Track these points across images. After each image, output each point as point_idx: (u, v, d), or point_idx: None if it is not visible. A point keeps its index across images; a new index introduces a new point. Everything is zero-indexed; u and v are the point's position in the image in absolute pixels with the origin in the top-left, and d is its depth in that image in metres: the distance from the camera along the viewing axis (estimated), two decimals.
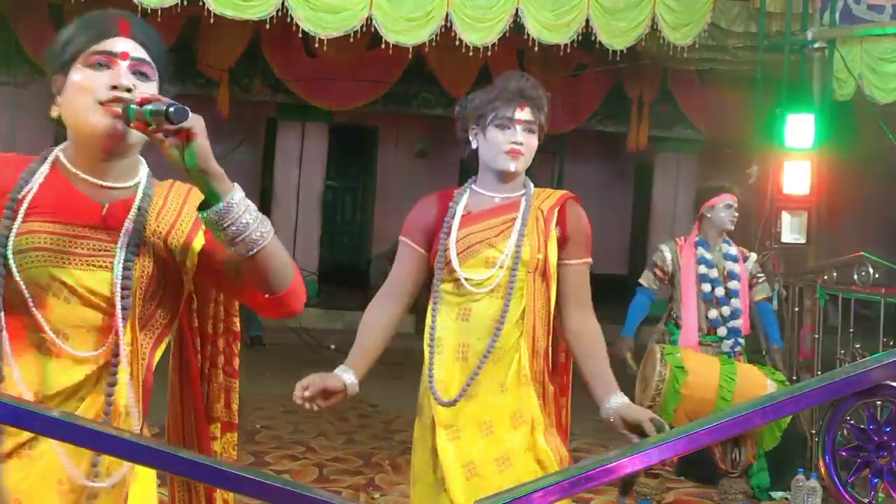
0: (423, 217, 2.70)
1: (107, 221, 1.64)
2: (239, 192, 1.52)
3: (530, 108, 2.59)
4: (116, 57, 1.61)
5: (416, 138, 13.38)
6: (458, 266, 2.57)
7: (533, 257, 2.56)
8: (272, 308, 1.67)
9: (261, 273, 1.60)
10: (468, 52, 7.76)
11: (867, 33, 7.32)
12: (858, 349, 5.27)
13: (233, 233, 1.52)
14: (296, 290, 1.67)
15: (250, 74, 10.97)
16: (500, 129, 2.58)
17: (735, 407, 1.99)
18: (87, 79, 1.60)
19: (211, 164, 1.48)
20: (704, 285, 4.52)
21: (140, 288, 1.64)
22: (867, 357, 1.44)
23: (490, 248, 2.57)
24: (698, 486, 5.21)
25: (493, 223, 2.61)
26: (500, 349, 2.53)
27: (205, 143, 1.47)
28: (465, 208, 2.65)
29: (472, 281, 2.56)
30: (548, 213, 2.61)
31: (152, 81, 1.65)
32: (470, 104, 2.69)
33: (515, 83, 2.61)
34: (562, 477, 0.92)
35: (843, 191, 8.26)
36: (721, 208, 4.61)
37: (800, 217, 6.50)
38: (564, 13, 7.68)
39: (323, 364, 2.90)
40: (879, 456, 0.98)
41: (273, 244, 1.59)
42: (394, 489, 5.05)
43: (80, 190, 1.65)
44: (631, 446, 1.07)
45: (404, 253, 2.71)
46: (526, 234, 2.57)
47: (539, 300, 2.57)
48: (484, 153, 2.63)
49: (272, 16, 7.26)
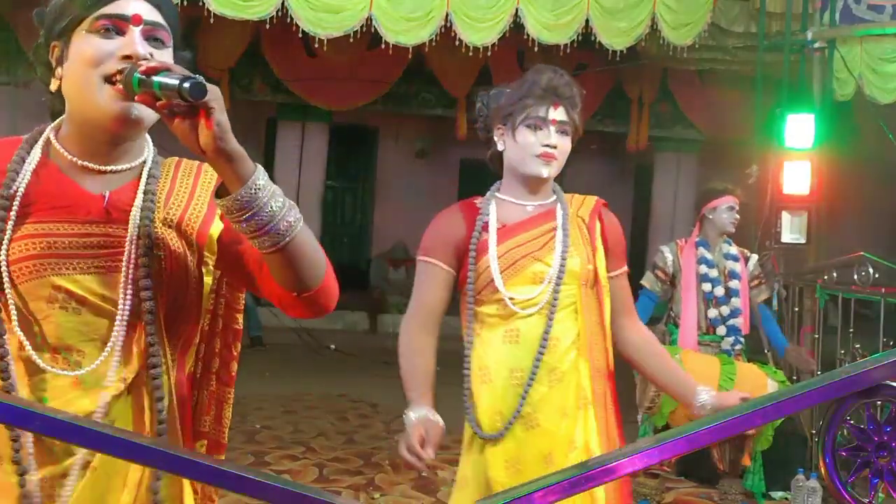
0: (448, 233, 2.41)
1: (110, 213, 1.42)
2: (263, 175, 1.29)
3: (564, 108, 2.35)
4: (128, 21, 1.37)
5: (416, 138, 13.39)
6: (502, 286, 2.32)
7: (584, 268, 2.35)
8: (302, 308, 1.43)
9: (288, 269, 1.36)
10: (468, 52, 7.76)
11: (867, 33, 7.32)
12: (858, 349, 5.27)
13: (257, 223, 1.28)
14: (328, 286, 1.43)
15: (250, 74, 10.98)
16: (531, 129, 2.34)
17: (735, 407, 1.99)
18: (95, 48, 1.36)
19: (231, 145, 1.25)
20: (705, 285, 4.53)
21: (159, 286, 1.41)
22: (867, 357, 1.44)
23: (536, 261, 2.34)
24: (698, 486, 5.21)
25: (532, 234, 2.37)
26: (558, 371, 2.31)
27: (223, 119, 1.23)
28: (498, 220, 2.39)
29: (517, 301, 2.32)
30: (590, 221, 2.42)
31: (167, 48, 1.43)
32: (495, 101, 2.45)
33: (548, 79, 2.36)
34: (562, 477, 0.92)
35: (843, 191, 8.25)
36: (723, 210, 4.62)
37: (800, 217, 6.50)
38: (564, 13, 7.68)
39: (323, 364, 2.88)
40: (879, 456, 0.98)
41: (303, 234, 1.34)
42: (394, 489, 5.05)
43: (74, 179, 1.42)
44: (631, 446, 1.07)
45: (430, 275, 2.42)
46: (571, 245, 2.36)
47: (593, 315, 2.36)
48: (512, 156, 2.39)
49: (272, 16, 7.26)
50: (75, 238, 1.39)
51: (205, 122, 1.22)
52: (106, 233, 1.41)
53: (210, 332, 1.58)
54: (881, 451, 0.98)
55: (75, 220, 1.40)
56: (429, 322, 2.44)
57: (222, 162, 1.26)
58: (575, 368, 2.33)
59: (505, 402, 2.32)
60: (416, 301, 2.46)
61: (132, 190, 1.44)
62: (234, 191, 1.27)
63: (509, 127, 2.38)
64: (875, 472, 0.98)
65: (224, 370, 1.61)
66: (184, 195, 1.49)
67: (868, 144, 8.52)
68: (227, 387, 1.63)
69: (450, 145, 12.73)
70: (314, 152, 11.82)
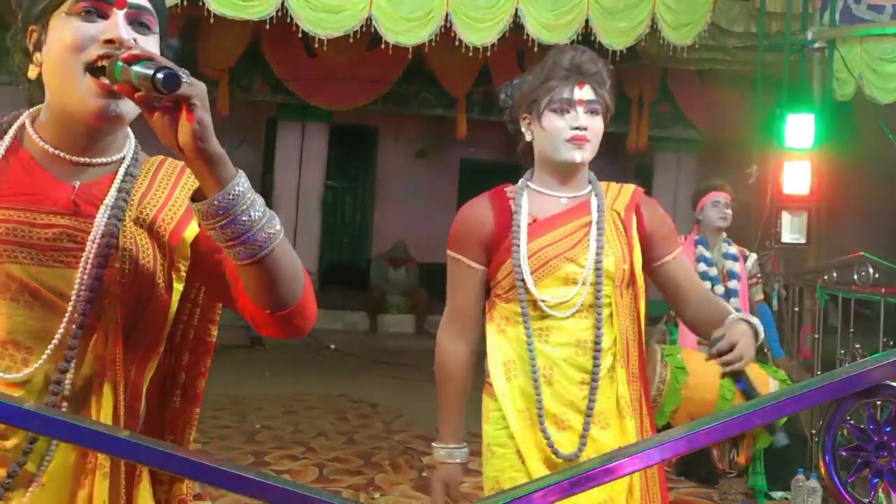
0: (477, 226, 2.28)
1: (78, 206, 1.32)
2: (244, 182, 1.19)
3: (591, 86, 2.21)
4: (111, 4, 1.28)
5: (416, 138, 13.39)
6: (533, 287, 2.19)
7: (619, 269, 2.22)
8: (275, 327, 1.33)
9: (263, 284, 1.26)
10: (468, 52, 7.77)
11: (867, 33, 7.33)
12: (858, 349, 5.26)
13: (233, 232, 1.19)
14: (305, 305, 1.33)
15: (250, 74, 10.98)
16: (557, 113, 2.19)
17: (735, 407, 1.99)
18: (75, 32, 1.26)
19: (210, 145, 1.16)
20: (704, 283, 4.53)
21: (118, 290, 1.31)
22: (867, 357, 1.44)
23: (569, 262, 2.20)
24: (698, 486, 5.21)
25: (565, 231, 2.23)
26: (594, 377, 2.20)
27: (205, 117, 1.15)
28: (529, 214, 2.25)
29: (549, 303, 2.20)
30: (625, 215, 2.27)
31: (153, 33, 1.33)
32: (517, 89, 2.31)
33: (570, 57, 2.21)
34: (562, 477, 0.92)
35: (843, 191, 8.26)
36: (708, 207, 4.64)
37: (800, 217, 6.51)
38: (564, 13, 7.68)
39: (323, 364, 2.87)
40: (879, 456, 0.98)
41: (282, 247, 1.24)
42: (394, 489, 5.05)
43: (45, 168, 1.33)
44: (631, 445, 1.07)
45: (461, 273, 2.30)
46: (607, 242, 2.22)
47: (627, 317, 2.24)
48: (542, 144, 2.24)
49: (272, 16, 7.26)
50: (38, 228, 1.30)
51: (185, 118, 1.14)
52: (71, 226, 1.31)
53: (180, 342, 1.45)
54: (881, 451, 0.98)
55: (40, 209, 1.31)
56: (464, 327, 2.32)
57: (201, 163, 1.17)
58: (611, 375, 2.22)
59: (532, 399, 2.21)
60: (450, 305, 2.35)
61: (106, 185, 1.35)
62: (212, 195, 1.18)
63: (535, 114, 2.23)
64: (875, 472, 0.98)
65: (190, 386, 1.46)
66: (161, 195, 1.39)
67: (868, 144, 8.52)
68: (193, 405, 1.46)
69: (450, 145, 12.74)
70: (314, 152, 11.82)
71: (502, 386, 2.24)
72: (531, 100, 2.24)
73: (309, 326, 1.37)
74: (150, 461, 0.96)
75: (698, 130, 11.99)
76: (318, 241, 11.88)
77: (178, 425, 1.46)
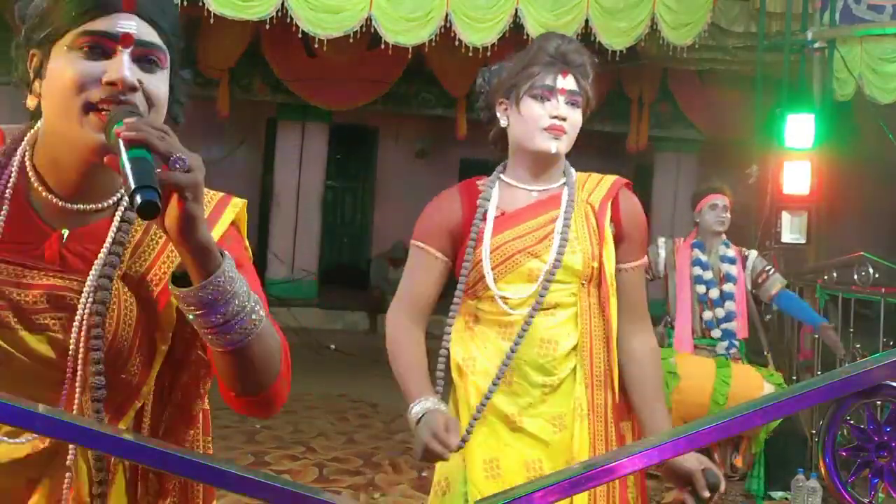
0: (443, 217, 2.21)
1: (65, 259, 1.21)
2: (229, 271, 1.12)
3: (574, 76, 2.11)
4: (116, 41, 1.17)
5: (416, 138, 13.39)
6: (493, 283, 2.11)
7: (587, 266, 2.11)
8: (238, 406, 1.25)
9: (234, 372, 1.19)
10: (468, 52, 7.77)
11: (867, 33, 7.33)
12: (858, 349, 5.27)
13: (211, 322, 1.12)
14: (275, 394, 1.24)
15: (250, 74, 10.98)
16: (537, 100, 2.10)
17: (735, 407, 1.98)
18: (76, 71, 1.16)
19: (196, 238, 1.08)
20: (699, 287, 4.52)
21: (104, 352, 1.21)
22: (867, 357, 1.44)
23: (532, 258, 2.12)
24: None
25: (532, 225, 2.14)
26: (554, 378, 2.11)
27: (194, 210, 1.07)
28: (498, 207, 2.17)
29: (509, 301, 2.12)
30: (600, 208, 2.16)
31: (163, 69, 1.23)
32: (497, 74, 2.22)
33: (556, 45, 2.12)
34: (562, 477, 0.92)
35: (843, 191, 8.26)
36: (706, 210, 4.61)
37: (800, 217, 6.51)
38: (564, 13, 7.68)
39: (323, 364, 2.86)
40: (879, 456, 0.98)
41: (262, 337, 1.17)
42: (394, 489, 5.05)
43: (34, 208, 1.22)
44: (631, 445, 1.07)
45: (422, 262, 2.22)
46: (575, 237, 2.12)
47: (595, 318, 2.13)
48: (517, 131, 2.15)
49: (272, 16, 7.27)
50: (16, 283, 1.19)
51: (174, 205, 1.06)
52: (55, 282, 1.20)
53: (180, 359, 1.32)
54: (881, 451, 0.98)
55: (21, 259, 1.20)
56: (417, 313, 2.23)
57: (184, 252, 1.10)
58: (572, 377, 2.12)
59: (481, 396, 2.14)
60: (405, 288, 2.26)
61: (98, 234, 1.24)
62: (195, 282, 1.11)
63: (513, 99, 2.14)
64: (875, 472, 0.98)
65: (185, 406, 1.34)
66: (155, 245, 1.26)
67: (868, 144, 8.52)
68: (187, 427, 1.34)
69: (450, 145, 12.73)
70: (314, 152, 11.82)
71: (456, 381, 2.18)
72: (511, 84, 2.14)
73: (274, 412, 1.29)
74: (150, 461, 0.96)
75: (698, 130, 11.99)
76: (318, 241, 11.88)
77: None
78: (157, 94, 1.21)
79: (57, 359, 1.20)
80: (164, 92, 1.23)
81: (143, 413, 1.33)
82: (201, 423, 1.37)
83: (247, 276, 1.25)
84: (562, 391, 2.12)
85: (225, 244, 1.27)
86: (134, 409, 1.28)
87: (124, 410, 1.26)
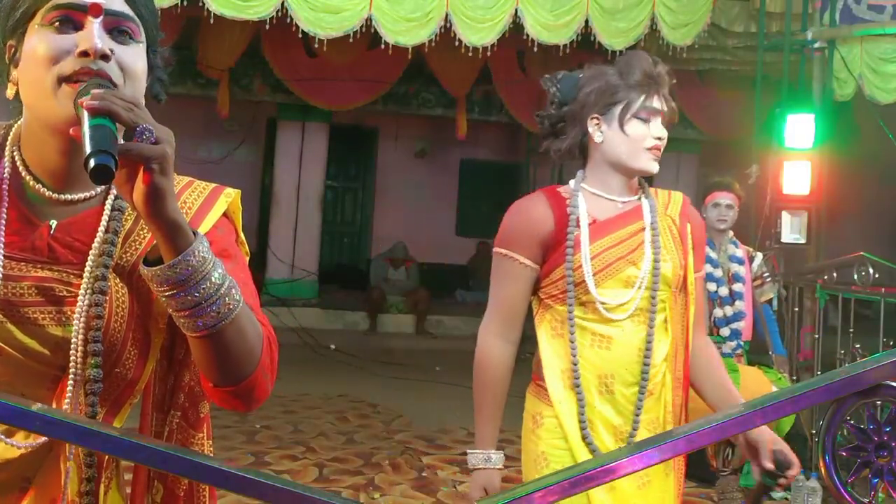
0: (533, 224, 2.22)
1: (54, 250, 1.20)
2: (201, 250, 1.09)
3: (665, 98, 2.23)
4: (85, 12, 1.16)
5: (415, 138, 13.39)
6: (594, 288, 2.16)
7: (676, 274, 2.23)
8: (217, 399, 1.22)
9: (209, 358, 1.15)
10: (468, 52, 7.77)
11: (867, 33, 7.33)
12: (858, 349, 5.26)
13: (181, 303, 1.09)
14: (253, 386, 1.19)
15: (250, 74, 10.98)
16: (643, 121, 2.19)
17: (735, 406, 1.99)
18: (48, 45, 1.15)
19: (165, 212, 1.05)
20: (709, 284, 4.50)
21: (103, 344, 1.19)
22: (867, 357, 1.44)
23: (630, 265, 2.19)
24: (698, 486, 5.21)
25: (622, 234, 2.22)
26: (651, 383, 2.19)
27: (161, 183, 1.04)
28: (588, 215, 2.23)
29: (608, 306, 2.17)
30: (680, 221, 2.30)
31: (137, 42, 1.21)
32: (576, 85, 2.26)
33: (648, 66, 2.21)
34: (562, 477, 0.92)
35: (843, 191, 8.26)
36: (709, 207, 4.57)
37: (800, 217, 6.51)
38: (564, 13, 7.68)
39: (323, 364, 2.85)
40: (879, 456, 0.98)
41: (238, 322, 1.13)
42: (394, 489, 5.05)
43: (21, 199, 1.21)
44: (631, 445, 1.07)
45: (512, 272, 2.23)
46: (663, 247, 2.23)
47: (679, 323, 2.26)
48: (618, 150, 2.20)
49: (272, 16, 7.27)
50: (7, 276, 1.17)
51: (141, 179, 1.04)
52: (44, 274, 1.19)
53: (183, 359, 1.32)
54: (881, 451, 0.98)
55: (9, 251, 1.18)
56: (509, 328, 2.26)
57: (154, 228, 1.07)
58: (663, 381, 2.22)
59: (594, 410, 2.18)
60: (495, 302, 2.27)
61: (87, 224, 1.22)
62: (166, 261, 1.08)
63: (611, 117, 2.20)
64: (875, 472, 0.98)
65: (192, 408, 1.32)
66: (145, 235, 1.24)
67: (868, 144, 8.51)
68: (195, 430, 1.33)
69: (450, 145, 12.73)
70: (314, 152, 11.82)
71: (559, 394, 2.19)
72: (610, 102, 2.20)
73: (255, 406, 1.23)
74: (150, 461, 0.96)
75: (698, 130, 11.98)
76: (317, 241, 11.88)
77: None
78: (132, 65, 1.19)
79: (48, 353, 1.18)
80: (141, 66, 1.21)
81: (147, 416, 1.33)
82: (206, 427, 1.35)
83: (235, 265, 1.24)
84: (656, 396, 2.21)
85: (216, 233, 1.27)
86: (130, 404, 1.27)
87: (120, 405, 1.25)
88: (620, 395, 2.18)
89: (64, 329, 1.19)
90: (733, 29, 8.50)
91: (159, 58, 1.29)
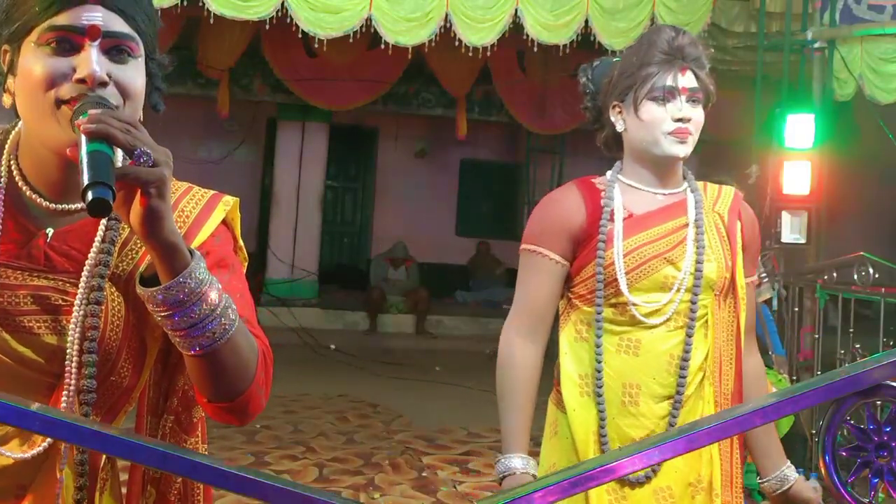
0: (564, 217, 2.03)
1: (50, 259, 1.18)
2: (198, 272, 1.07)
3: (693, 72, 1.97)
4: (83, 35, 1.12)
5: (415, 138, 13.38)
6: (626, 289, 1.96)
7: (721, 277, 2.00)
8: (210, 412, 1.21)
9: (204, 376, 1.15)
10: (468, 52, 7.77)
11: (867, 33, 7.32)
12: (858, 349, 5.26)
13: (176, 324, 1.08)
14: (248, 401, 1.18)
15: (250, 74, 10.98)
16: (658, 102, 1.96)
17: (735, 407, 1.98)
18: (45, 68, 1.12)
19: (162, 235, 1.04)
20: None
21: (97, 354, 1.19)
22: (867, 357, 1.44)
23: (668, 264, 1.98)
24: None
25: (662, 230, 2.00)
26: (683, 397, 1.98)
27: (159, 206, 1.03)
28: (624, 208, 2.02)
29: (642, 308, 1.97)
30: (730, 219, 2.06)
31: (136, 58, 1.18)
32: (603, 73, 2.06)
33: (669, 39, 1.96)
34: (562, 477, 0.92)
35: (843, 191, 8.26)
36: None
37: (800, 217, 6.50)
38: (564, 13, 7.68)
39: (323, 364, 2.85)
40: (879, 456, 0.98)
41: (233, 342, 1.12)
42: (394, 489, 5.05)
43: (18, 208, 1.20)
44: (632, 445, 1.07)
45: (539, 268, 2.03)
46: (707, 246, 2.00)
47: (724, 331, 2.01)
48: (638, 137, 2.00)
49: (272, 16, 7.26)
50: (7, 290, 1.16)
51: (139, 200, 1.03)
52: (40, 283, 1.17)
53: (176, 366, 1.31)
54: (881, 451, 0.98)
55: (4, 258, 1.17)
56: (534, 328, 2.04)
57: (150, 249, 1.06)
58: (699, 394, 2.00)
59: (613, 423, 1.99)
60: (521, 300, 2.06)
61: (83, 233, 1.20)
62: (162, 281, 1.07)
63: (629, 102, 1.99)
64: (875, 472, 0.98)
65: (185, 413, 1.32)
66: (141, 245, 1.20)
67: (868, 144, 8.51)
68: (188, 435, 1.32)
69: (450, 145, 12.72)
70: (314, 152, 11.81)
71: (574, 401, 2.02)
72: (625, 86, 1.99)
73: (249, 420, 1.22)
74: (150, 461, 0.96)
75: None
76: (317, 241, 11.88)
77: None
78: (131, 86, 1.17)
79: (43, 361, 1.17)
80: (139, 83, 1.19)
81: (143, 419, 1.32)
82: (200, 431, 1.35)
83: (232, 276, 1.24)
84: (688, 408, 1.99)
85: (214, 242, 1.26)
86: (125, 412, 1.26)
87: (115, 413, 1.24)
88: (647, 408, 1.97)
89: (59, 338, 1.18)
90: (733, 29, 8.49)
91: (157, 65, 1.26)
